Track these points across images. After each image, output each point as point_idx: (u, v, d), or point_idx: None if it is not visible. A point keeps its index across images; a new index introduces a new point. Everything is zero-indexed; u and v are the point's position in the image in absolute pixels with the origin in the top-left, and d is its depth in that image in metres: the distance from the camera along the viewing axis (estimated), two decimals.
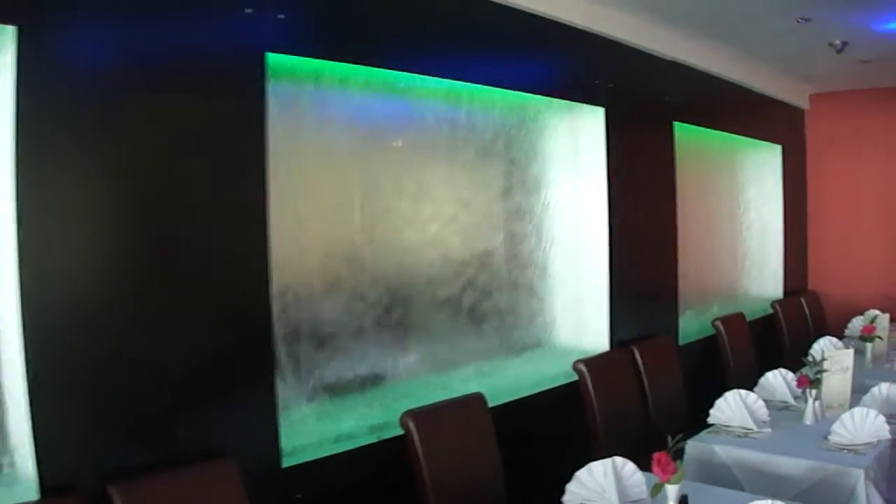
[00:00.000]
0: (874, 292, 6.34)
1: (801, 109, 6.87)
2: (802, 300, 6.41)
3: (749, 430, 3.21)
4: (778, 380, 3.72)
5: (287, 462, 2.63)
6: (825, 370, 3.39)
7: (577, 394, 3.64)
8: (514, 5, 3.48)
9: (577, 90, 4.07)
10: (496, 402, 3.26)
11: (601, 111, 4.16)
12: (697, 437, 3.20)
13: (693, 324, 5.17)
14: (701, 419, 3.37)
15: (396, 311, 3.24)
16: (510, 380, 3.70)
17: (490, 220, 3.75)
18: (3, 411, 2.07)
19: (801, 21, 4.31)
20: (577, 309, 4.23)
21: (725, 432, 3.23)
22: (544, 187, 4.05)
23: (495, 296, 3.74)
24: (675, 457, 2.29)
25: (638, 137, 4.49)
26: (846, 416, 3.09)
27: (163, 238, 2.31)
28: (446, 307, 3.48)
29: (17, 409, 2.04)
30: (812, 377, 3.34)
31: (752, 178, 6.25)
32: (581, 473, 2.49)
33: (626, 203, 4.30)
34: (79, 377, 2.11)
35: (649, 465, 2.29)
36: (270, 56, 2.61)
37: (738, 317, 5.29)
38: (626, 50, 4.33)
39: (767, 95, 6.11)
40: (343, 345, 3.01)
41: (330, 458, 2.78)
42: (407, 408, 2.83)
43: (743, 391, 3.35)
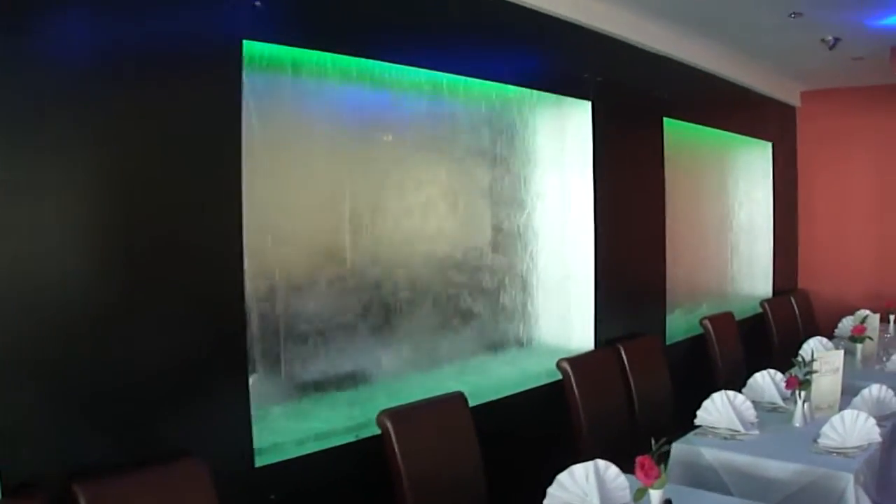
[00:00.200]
0: (864, 291, 6.32)
1: (793, 107, 6.84)
2: (792, 299, 6.36)
3: (736, 431, 3.16)
4: (766, 380, 3.66)
5: (260, 461, 2.57)
6: (815, 371, 3.35)
7: (561, 393, 3.59)
8: None
9: (564, 83, 4.01)
10: (479, 401, 3.21)
11: (588, 105, 4.10)
12: (684, 438, 3.15)
13: (681, 323, 5.13)
14: (688, 420, 3.31)
15: (377, 308, 3.18)
16: (494, 378, 3.64)
17: (474, 216, 3.70)
18: None
19: (793, 16, 4.27)
20: (562, 307, 4.17)
21: (712, 434, 3.17)
22: (530, 183, 3.99)
23: (479, 293, 3.68)
24: (659, 461, 2.23)
25: (626, 133, 4.43)
26: (836, 418, 3.03)
27: (131, 233, 2.24)
28: (429, 305, 3.42)
29: None
30: (801, 378, 3.29)
31: (742, 176, 6.22)
32: (562, 476, 2.41)
33: (614, 199, 4.24)
34: (43, 373, 2.04)
35: (633, 467, 2.23)
36: (246, 44, 2.53)
37: (727, 316, 5.24)
38: (615, 44, 4.26)
39: (758, 92, 6.06)
40: (322, 342, 2.96)
41: (306, 457, 2.71)
42: (387, 406, 2.78)
43: (731, 392, 3.29)
